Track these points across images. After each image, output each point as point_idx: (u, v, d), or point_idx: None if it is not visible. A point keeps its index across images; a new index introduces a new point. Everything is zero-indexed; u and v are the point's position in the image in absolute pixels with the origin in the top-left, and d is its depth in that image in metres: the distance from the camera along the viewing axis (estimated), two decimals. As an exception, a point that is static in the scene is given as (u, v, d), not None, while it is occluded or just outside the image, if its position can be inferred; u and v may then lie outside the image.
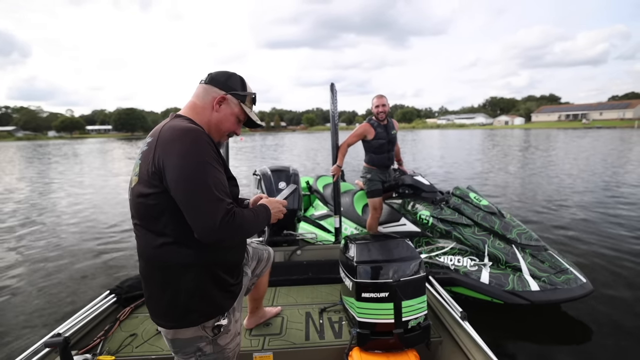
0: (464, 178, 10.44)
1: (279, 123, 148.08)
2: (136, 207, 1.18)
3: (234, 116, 1.33)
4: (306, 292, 2.63)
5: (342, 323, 2.17)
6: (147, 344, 2.00)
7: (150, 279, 1.22)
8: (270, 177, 3.34)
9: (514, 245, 3.00)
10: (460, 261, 3.04)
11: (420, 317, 1.84)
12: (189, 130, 1.14)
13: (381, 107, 3.67)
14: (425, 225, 3.47)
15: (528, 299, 2.65)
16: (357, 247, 1.97)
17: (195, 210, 1.08)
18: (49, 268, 4.33)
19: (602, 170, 10.87)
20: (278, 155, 21.95)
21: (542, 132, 47.62)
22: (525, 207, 6.69)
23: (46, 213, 7.36)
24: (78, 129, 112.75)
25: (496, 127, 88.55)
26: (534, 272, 2.79)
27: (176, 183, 1.08)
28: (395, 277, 1.81)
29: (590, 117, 77.10)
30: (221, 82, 1.30)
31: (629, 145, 20.90)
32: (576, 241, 4.70)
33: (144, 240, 1.19)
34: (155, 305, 1.23)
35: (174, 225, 1.14)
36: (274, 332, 2.12)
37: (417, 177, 3.84)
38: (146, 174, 1.12)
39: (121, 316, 2.25)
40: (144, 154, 1.17)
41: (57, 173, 14.73)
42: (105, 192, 9.70)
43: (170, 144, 1.11)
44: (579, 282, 2.72)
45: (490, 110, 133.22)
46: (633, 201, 6.85)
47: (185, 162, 1.09)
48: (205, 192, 1.08)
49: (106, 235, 5.67)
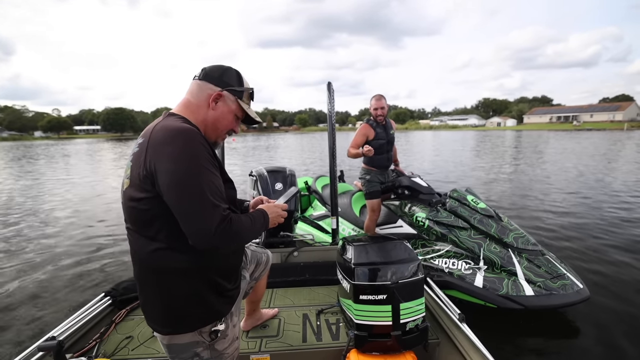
0: (450, 180, 10.48)
1: (271, 124, 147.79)
2: (128, 211, 1.14)
3: (232, 114, 1.27)
4: (303, 293, 2.62)
5: (339, 325, 2.17)
6: (143, 347, 1.98)
7: (145, 283, 1.19)
8: (267, 177, 3.32)
9: (510, 249, 2.99)
10: (455, 264, 3.03)
11: (418, 319, 1.84)
12: (182, 131, 1.08)
13: (380, 110, 3.64)
14: (422, 228, 3.45)
15: (522, 304, 2.64)
16: (355, 249, 1.96)
17: (189, 217, 1.04)
18: (40, 272, 4.26)
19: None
20: (273, 154, 21.88)
21: (535, 133, 48.00)
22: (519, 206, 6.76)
23: (32, 216, 7.25)
24: (65, 129, 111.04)
25: (488, 128, 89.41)
26: (530, 276, 2.78)
27: (168, 188, 1.04)
28: (394, 279, 1.80)
29: (581, 119, 78.12)
30: (216, 78, 1.24)
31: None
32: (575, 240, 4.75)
33: (137, 244, 1.15)
34: (151, 310, 1.21)
35: (167, 230, 1.10)
36: (271, 334, 2.10)
37: (415, 179, 3.82)
38: (137, 177, 1.08)
39: (117, 318, 2.22)
40: (135, 155, 1.12)
41: (49, 173, 14.55)
42: (97, 194, 9.59)
43: (162, 146, 1.06)
44: (576, 288, 2.70)
45: (482, 111, 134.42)
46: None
47: (178, 166, 1.04)
48: (200, 197, 1.03)
49: (101, 236, 5.60)
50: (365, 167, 3.91)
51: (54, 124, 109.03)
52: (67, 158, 23.17)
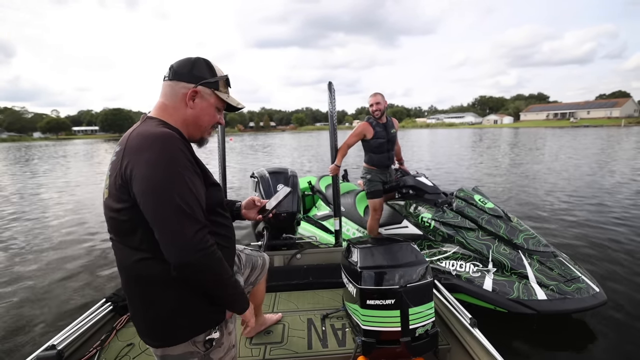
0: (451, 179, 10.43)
1: (268, 123, 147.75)
2: (110, 222, 1.09)
3: (211, 107, 1.20)
4: (307, 297, 2.56)
5: (345, 330, 2.11)
6: (145, 355, 1.92)
7: (132, 295, 1.13)
8: (268, 179, 3.26)
9: (521, 251, 2.88)
10: (463, 266, 2.93)
11: (428, 325, 1.77)
12: (159, 135, 1.03)
13: (375, 106, 3.59)
14: (427, 229, 3.35)
15: (534, 309, 2.52)
16: (360, 252, 1.90)
17: (163, 226, 0.98)
18: (39, 277, 4.19)
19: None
20: (270, 151, 21.83)
21: (532, 131, 48.07)
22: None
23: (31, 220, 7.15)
24: (64, 130, 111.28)
25: (485, 126, 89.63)
26: (542, 279, 2.66)
27: (143, 195, 0.98)
28: (402, 282, 1.74)
29: (578, 115, 78.38)
30: (186, 74, 1.15)
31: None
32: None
33: (121, 255, 1.10)
34: (141, 322, 1.15)
35: (150, 239, 1.02)
36: (275, 340, 2.04)
37: (420, 178, 3.73)
38: (114, 186, 1.03)
39: (118, 325, 2.16)
40: (112, 164, 1.07)
41: (50, 174, 14.45)
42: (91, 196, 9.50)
43: (138, 152, 1.01)
44: (591, 292, 2.57)
45: (479, 109, 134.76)
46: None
47: (154, 173, 0.98)
48: (176, 207, 0.98)
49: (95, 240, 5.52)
50: (366, 166, 3.86)
51: (53, 125, 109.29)
52: (64, 159, 23.03)
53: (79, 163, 20.21)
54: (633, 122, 57.72)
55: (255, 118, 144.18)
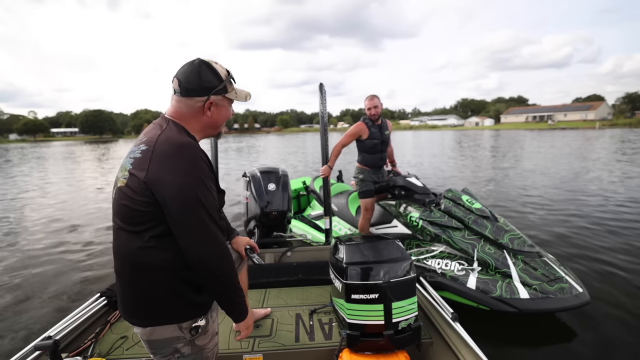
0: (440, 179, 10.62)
1: (252, 125, 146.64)
2: (120, 208, 1.16)
3: (225, 108, 1.31)
4: (296, 293, 2.62)
5: (332, 325, 2.17)
6: (138, 347, 1.99)
7: (124, 277, 1.20)
8: (260, 178, 3.31)
9: (506, 250, 2.94)
10: (448, 265, 2.99)
11: (411, 319, 1.84)
12: (187, 145, 1.15)
13: (373, 110, 3.65)
14: (416, 228, 3.41)
15: (516, 307, 2.58)
16: (346, 248, 1.96)
17: (189, 227, 1.10)
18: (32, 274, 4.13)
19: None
20: (257, 157, 21.72)
21: (512, 133, 49.06)
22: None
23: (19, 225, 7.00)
24: (42, 132, 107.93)
25: (467, 127, 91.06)
26: (525, 279, 2.71)
27: (171, 200, 1.08)
28: (386, 278, 1.80)
29: (556, 118, 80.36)
30: (197, 89, 1.20)
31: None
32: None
33: (122, 240, 1.17)
34: (130, 303, 1.21)
35: (156, 232, 1.13)
36: (264, 333, 2.10)
37: (410, 179, 3.81)
38: (137, 181, 1.11)
39: (112, 319, 2.24)
40: (136, 160, 1.15)
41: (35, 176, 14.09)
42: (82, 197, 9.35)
43: (167, 158, 1.11)
44: (574, 292, 2.62)
45: (461, 111, 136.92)
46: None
47: (183, 180, 1.10)
48: (201, 210, 1.11)
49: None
50: (359, 167, 3.92)
51: (30, 127, 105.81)
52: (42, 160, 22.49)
53: (83, 164, 19.73)
54: (607, 124, 59.49)
55: (239, 120, 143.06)
